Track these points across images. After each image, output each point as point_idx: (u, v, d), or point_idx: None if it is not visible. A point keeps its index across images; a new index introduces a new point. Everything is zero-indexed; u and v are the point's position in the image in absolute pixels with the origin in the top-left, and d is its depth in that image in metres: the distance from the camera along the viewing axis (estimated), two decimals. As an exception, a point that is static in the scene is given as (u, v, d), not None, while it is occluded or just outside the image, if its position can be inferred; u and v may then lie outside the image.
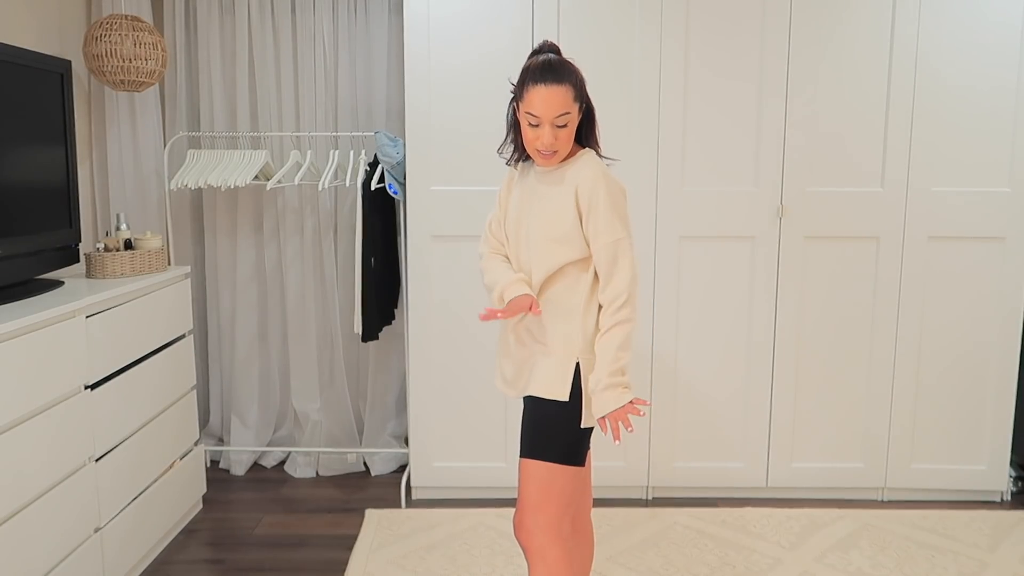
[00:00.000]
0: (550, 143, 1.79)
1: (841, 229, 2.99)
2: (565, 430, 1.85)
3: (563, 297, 1.87)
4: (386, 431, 3.51)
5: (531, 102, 1.77)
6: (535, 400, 1.88)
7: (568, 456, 1.85)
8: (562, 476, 1.84)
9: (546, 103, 1.75)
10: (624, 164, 2.86)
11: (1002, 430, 3.09)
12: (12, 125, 2.30)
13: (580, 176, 1.83)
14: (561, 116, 1.77)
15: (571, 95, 1.77)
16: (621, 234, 1.82)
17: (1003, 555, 2.74)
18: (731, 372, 3.08)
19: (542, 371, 1.87)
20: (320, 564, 2.71)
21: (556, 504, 1.84)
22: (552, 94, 1.75)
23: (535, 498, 1.84)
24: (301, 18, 3.29)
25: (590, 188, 1.81)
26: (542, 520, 1.83)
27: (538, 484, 1.84)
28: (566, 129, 1.80)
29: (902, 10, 2.88)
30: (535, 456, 1.85)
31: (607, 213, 1.81)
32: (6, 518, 1.97)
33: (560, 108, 1.76)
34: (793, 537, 2.85)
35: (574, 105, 1.79)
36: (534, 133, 1.80)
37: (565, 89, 1.76)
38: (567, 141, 1.82)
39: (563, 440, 1.85)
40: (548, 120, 1.77)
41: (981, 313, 3.04)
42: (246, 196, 3.39)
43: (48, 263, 2.50)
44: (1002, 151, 2.95)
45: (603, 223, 1.81)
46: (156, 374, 2.71)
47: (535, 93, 1.76)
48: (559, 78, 1.76)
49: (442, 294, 3.04)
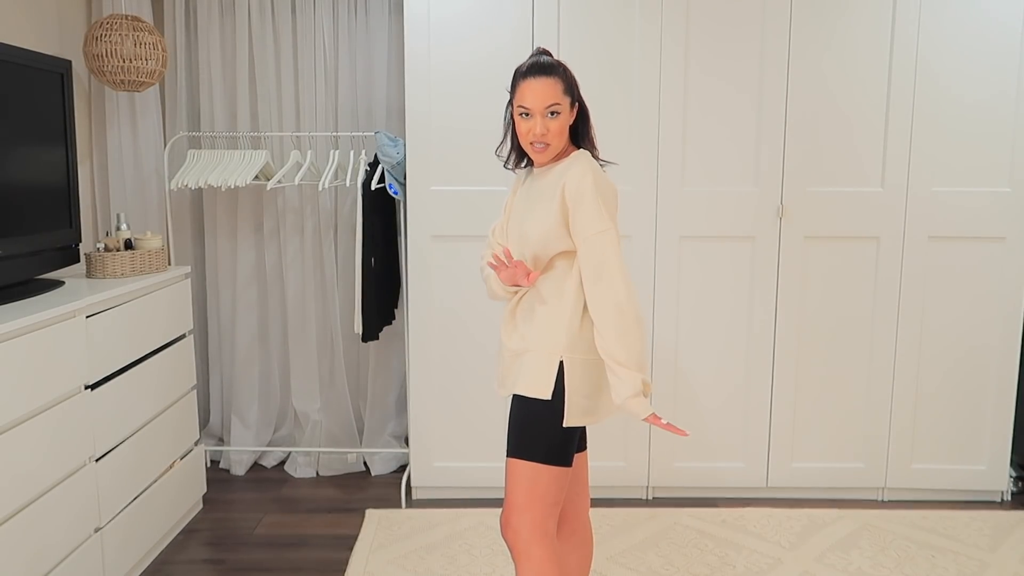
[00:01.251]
0: (541, 132, 1.82)
1: (841, 229, 2.99)
2: (549, 429, 1.84)
3: (549, 294, 1.88)
4: (386, 431, 3.51)
5: (522, 95, 1.84)
6: (520, 399, 1.88)
7: (552, 456, 1.84)
8: (547, 476, 1.84)
9: (535, 94, 1.82)
10: (624, 164, 2.86)
11: (1002, 430, 3.09)
12: (12, 125, 2.30)
13: (569, 172, 1.84)
14: (551, 106, 1.82)
15: (560, 87, 1.83)
16: (607, 226, 1.80)
17: (1003, 555, 2.73)
18: (731, 372, 3.08)
19: (527, 369, 1.87)
20: (320, 564, 2.71)
21: (541, 504, 1.84)
22: (540, 85, 1.82)
23: (521, 498, 1.84)
24: (301, 18, 3.29)
25: (577, 183, 1.82)
26: (527, 520, 1.83)
27: (523, 484, 1.84)
28: (557, 121, 1.83)
29: (902, 10, 2.88)
30: (520, 455, 1.85)
31: (593, 206, 1.80)
32: (6, 518, 1.97)
33: (549, 98, 1.82)
34: (793, 537, 2.85)
35: (564, 98, 1.83)
36: (527, 125, 1.84)
37: (553, 81, 1.82)
38: (559, 134, 1.84)
39: (547, 439, 1.84)
40: (538, 110, 1.82)
41: (981, 313, 3.04)
42: (246, 196, 3.39)
43: (48, 263, 2.50)
44: (1002, 151, 2.95)
45: (588, 216, 1.80)
46: (156, 374, 2.71)
47: (525, 86, 1.84)
48: (547, 71, 1.83)
49: (442, 294, 3.04)
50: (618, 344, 1.77)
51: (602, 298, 1.80)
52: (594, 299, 1.81)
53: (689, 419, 3.10)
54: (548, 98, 1.82)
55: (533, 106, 1.82)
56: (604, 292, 1.80)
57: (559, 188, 1.84)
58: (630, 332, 1.78)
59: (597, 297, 1.80)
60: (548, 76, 1.82)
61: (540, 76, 1.82)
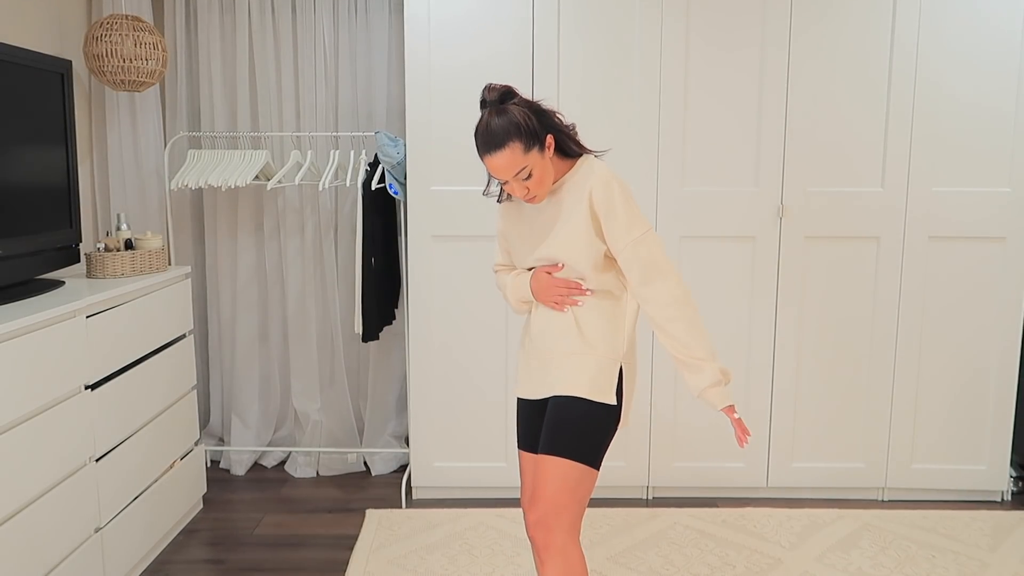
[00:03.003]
0: (523, 193, 1.81)
1: (841, 229, 2.99)
2: (600, 432, 1.85)
3: (601, 300, 1.88)
4: (386, 431, 3.51)
5: (489, 167, 1.79)
6: (571, 400, 1.85)
7: (598, 459, 1.86)
8: (589, 478, 1.85)
9: (499, 168, 1.77)
10: (624, 164, 2.86)
11: (1002, 430, 3.09)
12: (13, 125, 2.30)
13: (591, 182, 1.82)
14: (520, 172, 1.77)
15: (519, 151, 1.74)
16: (645, 227, 1.81)
17: (1003, 555, 2.73)
18: (732, 372, 3.07)
19: (585, 372, 1.85)
20: (320, 564, 2.71)
21: (580, 505, 1.84)
22: (500, 159, 1.75)
23: (564, 498, 1.81)
24: (301, 18, 3.29)
25: (603, 190, 1.80)
26: (567, 520, 1.82)
27: (566, 483, 1.82)
28: (533, 177, 1.79)
29: (903, 10, 2.88)
30: (570, 456, 1.82)
31: (625, 213, 1.80)
32: (6, 518, 1.97)
33: (513, 168, 1.76)
34: (793, 537, 2.85)
35: (528, 156, 1.76)
36: (507, 187, 1.83)
37: (511, 150, 1.74)
38: (540, 183, 1.81)
39: (597, 442, 1.85)
40: (509, 178, 1.79)
41: (981, 313, 3.03)
42: (246, 196, 3.39)
43: (49, 263, 2.50)
44: (1002, 151, 2.94)
45: (624, 223, 1.80)
46: (156, 374, 2.71)
47: (487, 161, 1.78)
48: (499, 143, 1.74)
49: (442, 294, 3.04)
50: (690, 337, 1.80)
51: (660, 297, 1.81)
52: (652, 300, 1.81)
53: (689, 419, 3.10)
54: (512, 168, 1.75)
55: (502, 177, 1.79)
56: (660, 291, 1.80)
57: (583, 202, 1.82)
58: (696, 323, 1.81)
59: (654, 297, 1.81)
60: (502, 148, 1.73)
61: (495, 151, 1.74)
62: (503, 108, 1.76)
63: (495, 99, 1.78)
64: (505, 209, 1.99)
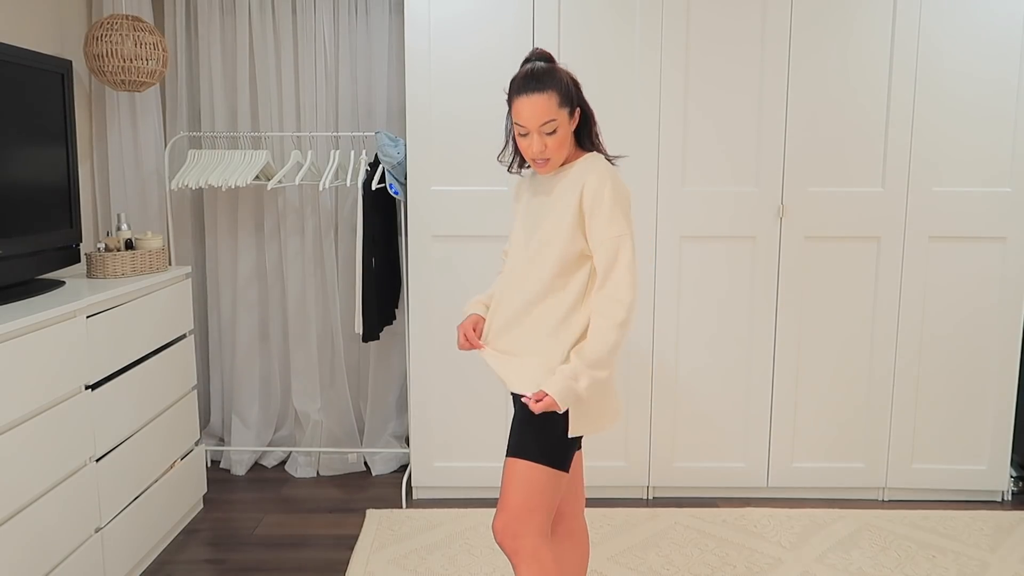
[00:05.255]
0: (539, 151, 1.80)
1: (842, 229, 2.99)
2: (554, 433, 1.83)
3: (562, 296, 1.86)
4: (387, 431, 3.51)
5: (517, 112, 1.79)
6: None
7: (557, 461, 1.83)
8: (554, 480, 1.83)
9: (530, 112, 1.77)
10: (625, 164, 2.85)
11: (1003, 430, 3.09)
12: (13, 125, 2.30)
13: (587, 176, 1.82)
14: (547, 123, 1.77)
15: (555, 101, 1.77)
16: (624, 231, 1.80)
17: (1004, 555, 2.73)
18: (731, 372, 3.08)
19: (529, 372, 1.84)
20: (321, 564, 2.71)
21: (548, 507, 1.83)
22: (535, 103, 1.76)
23: (533, 501, 1.81)
24: (301, 18, 3.29)
25: (595, 187, 1.80)
26: (536, 522, 1.81)
27: (532, 487, 1.81)
28: (556, 136, 1.79)
29: (903, 10, 2.88)
30: (531, 458, 1.82)
31: (611, 211, 1.80)
32: (6, 518, 1.97)
33: (544, 116, 1.76)
34: (794, 537, 2.85)
35: (560, 111, 1.78)
36: (525, 142, 1.82)
37: (548, 96, 1.76)
38: (559, 148, 1.81)
39: (557, 443, 1.83)
40: (534, 128, 1.78)
41: (982, 313, 3.03)
42: (247, 196, 3.39)
43: (49, 263, 2.50)
44: (1003, 151, 2.95)
45: (606, 220, 1.80)
46: (157, 374, 2.71)
47: (519, 103, 1.78)
48: (541, 86, 1.76)
49: (443, 294, 3.04)
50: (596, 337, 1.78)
51: (605, 291, 1.80)
52: (598, 290, 1.81)
53: (690, 419, 3.10)
54: (542, 115, 1.76)
55: (528, 124, 1.78)
56: (608, 288, 1.80)
57: (576, 194, 1.82)
58: (609, 333, 1.78)
59: (601, 294, 1.81)
60: (541, 91, 1.76)
61: (532, 93, 1.76)
62: (551, 64, 1.82)
63: (542, 55, 1.84)
64: (517, 190, 2.02)
